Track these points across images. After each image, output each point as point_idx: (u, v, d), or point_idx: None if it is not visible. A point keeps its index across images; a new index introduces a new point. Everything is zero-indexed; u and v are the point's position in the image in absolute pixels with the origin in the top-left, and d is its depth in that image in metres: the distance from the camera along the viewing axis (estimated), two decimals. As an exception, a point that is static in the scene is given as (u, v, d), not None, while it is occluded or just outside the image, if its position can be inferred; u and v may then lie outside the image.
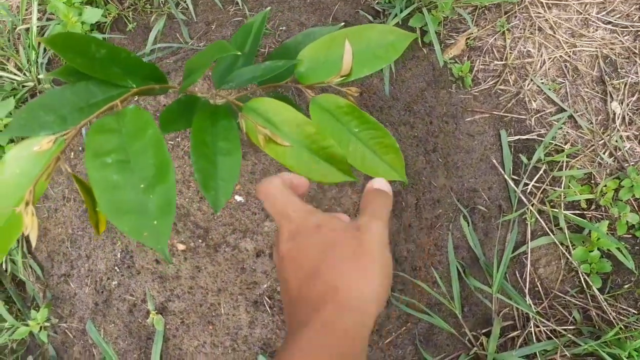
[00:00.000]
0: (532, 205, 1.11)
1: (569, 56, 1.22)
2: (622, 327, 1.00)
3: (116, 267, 1.05)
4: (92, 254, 1.09)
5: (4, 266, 1.18)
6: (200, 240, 0.96)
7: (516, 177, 1.14)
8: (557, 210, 1.09)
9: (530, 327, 1.03)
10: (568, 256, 1.08)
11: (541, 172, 1.14)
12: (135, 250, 1.01)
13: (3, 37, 1.39)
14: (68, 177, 1.17)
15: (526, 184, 1.13)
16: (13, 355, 1.17)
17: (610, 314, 1.03)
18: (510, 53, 1.24)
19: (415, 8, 1.24)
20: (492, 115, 1.20)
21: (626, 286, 1.07)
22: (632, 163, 1.12)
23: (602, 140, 1.15)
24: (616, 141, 1.14)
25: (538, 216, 1.10)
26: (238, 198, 0.98)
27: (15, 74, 1.35)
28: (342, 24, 0.74)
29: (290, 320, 0.41)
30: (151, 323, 1.00)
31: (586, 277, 1.06)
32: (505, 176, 1.13)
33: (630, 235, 1.09)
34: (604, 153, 1.13)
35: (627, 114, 1.16)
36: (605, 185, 1.09)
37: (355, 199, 0.99)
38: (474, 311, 1.06)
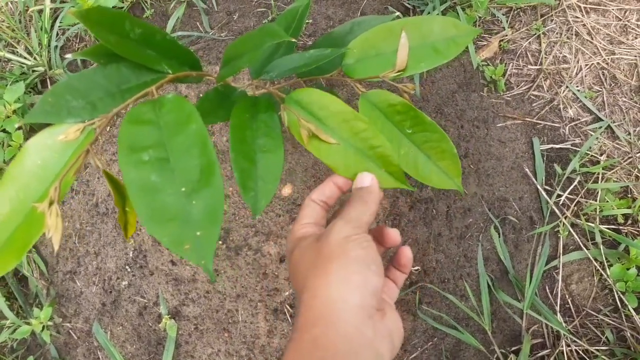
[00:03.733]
0: (566, 218, 1.05)
1: (607, 64, 1.17)
2: (659, 350, 0.94)
3: (127, 267, 0.99)
4: (101, 252, 1.03)
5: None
6: (220, 242, 0.90)
7: (549, 188, 1.09)
8: (592, 224, 1.04)
9: (562, 346, 0.98)
10: (602, 272, 1.02)
11: (575, 183, 1.08)
12: (149, 249, 0.95)
13: (14, 18, 1.33)
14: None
15: (559, 195, 1.08)
16: (13, 354, 1.10)
17: (646, 335, 0.98)
18: (546, 58, 1.18)
19: (449, 6, 1.19)
20: (524, 122, 1.14)
21: (662, 307, 1.02)
22: (672, 178, 1.07)
23: (640, 153, 1.10)
24: (655, 154, 1.09)
25: (571, 229, 1.05)
26: (261, 198, 0.92)
27: (25, 58, 1.29)
28: (397, 13, 0.68)
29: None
30: (163, 328, 0.94)
31: (621, 295, 1.01)
32: (538, 186, 1.08)
33: (667, 254, 1.04)
34: (641, 166, 1.08)
35: (667, 126, 1.11)
36: (643, 200, 1.04)
37: (386, 204, 0.94)
38: (501, 327, 1.01)
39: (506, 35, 1.20)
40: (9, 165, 0.42)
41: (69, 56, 0.51)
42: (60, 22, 1.27)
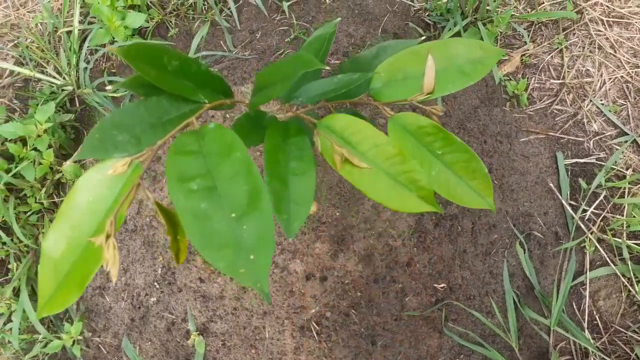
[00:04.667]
0: (592, 234, 1.05)
1: (631, 77, 1.16)
2: (691, 368, 0.93)
3: (156, 283, 1.01)
4: (130, 268, 1.05)
5: (38, 276, 1.15)
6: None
7: (574, 203, 1.08)
8: (619, 239, 1.03)
9: (590, 364, 0.97)
10: (630, 288, 1.01)
11: (601, 198, 1.08)
12: (178, 267, 0.97)
13: (44, 39, 1.37)
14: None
15: (584, 210, 1.07)
16: (43, 368, 1.13)
17: (677, 353, 0.97)
18: (568, 72, 1.18)
19: (470, 22, 1.20)
20: (547, 137, 1.14)
21: (693, 324, 1.00)
22: (700, 192, 1.06)
23: (667, 167, 1.09)
24: (682, 168, 1.07)
25: (598, 245, 1.04)
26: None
27: (54, 78, 1.33)
28: (423, 37, 0.69)
29: None
30: (192, 344, 0.95)
31: (650, 312, 1.00)
32: (563, 201, 1.08)
33: (697, 269, 1.03)
34: (668, 180, 1.07)
35: (694, 140, 1.10)
36: (671, 215, 1.03)
37: (411, 221, 0.94)
38: (528, 343, 1.00)
39: (528, 50, 1.21)
40: (62, 203, 0.43)
41: (109, 88, 0.53)
42: (89, 44, 1.30)
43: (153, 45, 0.52)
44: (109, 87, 0.54)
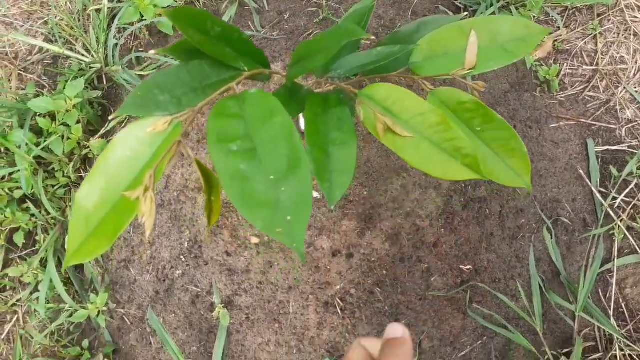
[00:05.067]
0: (621, 221, 1.03)
1: (667, 64, 1.13)
2: None
3: (182, 257, 1.02)
4: (156, 241, 1.07)
5: (65, 246, 1.17)
6: (274, 235, 0.93)
7: (603, 190, 1.07)
8: (649, 228, 1.02)
9: (615, 350, 0.96)
10: (659, 278, 1.00)
11: (632, 186, 1.06)
12: (204, 240, 0.98)
13: (73, 17, 1.38)
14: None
15: (614, 198, 1.05)
16: (68, 337, 1.15)
17: None
18: (602, 58, 1.16)
19: (502, 6, 1.18)
20: (578, 123, 1.12)
21: None
22: None
23: (701, 156, 1.06)
24: None
25: (627, 233, 1.03)
26: (314, 194, 0.93)
27: (83, 55, 1.34)
28: (465, 14, 0.69)
29: None
30: (216, 317, 0.97)
31: (679, 302, 0.98)
32: (592, 188, 1.06)
33: None
34: (702, 170, 1.05)
35: None
36: None
37: (439, 202, 0.94)
38: (552, 329, 0.99)
39: (561, 35, 1.19)
40: (98, 158, 0.44)
41: (152, 52, 0.53)
42: (118, 22, 1.31)
43: (198, 10, 0.52)
44: (151, 52, 0.54)
